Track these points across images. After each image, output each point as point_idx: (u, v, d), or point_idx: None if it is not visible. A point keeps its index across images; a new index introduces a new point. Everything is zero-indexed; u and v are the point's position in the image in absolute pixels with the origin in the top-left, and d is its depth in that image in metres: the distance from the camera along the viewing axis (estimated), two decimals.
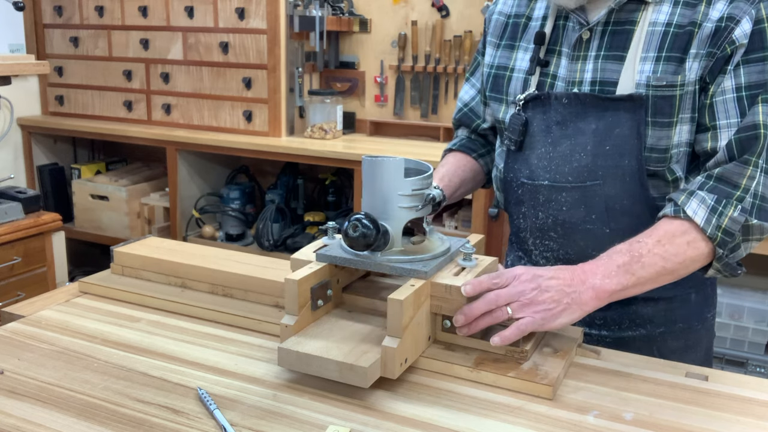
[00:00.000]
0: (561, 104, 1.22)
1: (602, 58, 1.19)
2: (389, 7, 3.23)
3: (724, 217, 1.09)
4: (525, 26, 1.30)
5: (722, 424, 0.92)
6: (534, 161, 1.26)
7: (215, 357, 1.08)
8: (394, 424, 0.91)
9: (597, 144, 1.19)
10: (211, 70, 3.15)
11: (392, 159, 1.04)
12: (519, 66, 1.29)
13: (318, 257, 1.08)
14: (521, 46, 1.30)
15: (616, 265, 1.05)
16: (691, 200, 1.10)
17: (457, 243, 1.14)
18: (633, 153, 1.16)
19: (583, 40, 1.20)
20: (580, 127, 1.20)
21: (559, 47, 1.24)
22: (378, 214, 1.04)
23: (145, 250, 1.38)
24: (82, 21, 3.39)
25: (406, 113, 3.29)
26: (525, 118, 1.25)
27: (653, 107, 1.14)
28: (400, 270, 1.04)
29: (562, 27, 1.24)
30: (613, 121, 1.17)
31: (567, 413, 0.94)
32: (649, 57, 1.14)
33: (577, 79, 1.21)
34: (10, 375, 1.01)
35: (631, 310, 1.26)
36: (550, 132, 1.23)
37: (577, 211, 1.22)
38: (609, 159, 1.18)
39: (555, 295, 1.01)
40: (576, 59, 1.21)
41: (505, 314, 1.01)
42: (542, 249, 1.30)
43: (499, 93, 1.32)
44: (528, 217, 1.29)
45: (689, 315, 1.29)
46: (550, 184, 1.24)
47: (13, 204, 2.60)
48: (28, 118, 3.45)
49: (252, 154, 3.03)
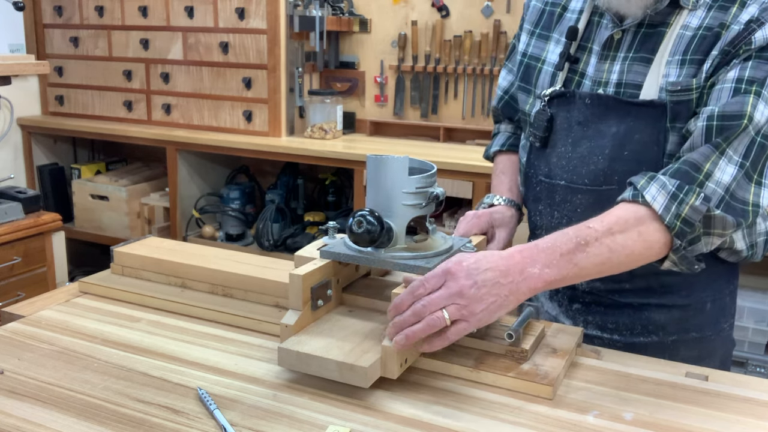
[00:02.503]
0: (584, 104, 1.20)
1: (630, 60, 1.16)
2: (389, 7, 3.23)
3: (684, 205, 1.01)
4: (560, 16, 1.27)
5: (722, 424, 0.92)
6: (554, 160, 1.24)
7: (215, 357, 1.08)
8: (394, 424, 0.91)
9: (616, 148, 1.16)
10: (211, 70, 3.15)
11: (397, 157, 1.05)
12: (549, 59, 1.27)
13: (322, 254, 1.09)
14: (554, 37, 1.27)
15: (559, 253, 0.97)
16: (651, 185, 1.04)
17: (459, 242, 1.14)
18: (651, 160, 1.13)
19: (614, 39, 1.18)
20: (600, 129, 1.18)
21: (590, 44, 1.21)
22: (382, 211, 1.05)
23: (145, 250, 1.38)
24: (82, 21, 3.39)
25: (406, 113, 3.29)
26: (550, 114, 1.23)
27: (672, 113, 1.11)
28: (404, 266, 1.04)
29: (596, 24, 1.21)
30: (634, 126, 1.14)
31: (567, 413, 0.94)
32: (674, 60, 1.11)
33: (603, 79, 1.18)
34: (10, 375, 1.01)
35: (644, 316, 1.24)
36: (571, 131, 1.22)
37: (592, 214, 1.10)
38: (626, 164, 1.15)
39: (492, 289, 0.94)
40: (605, 59, 1.19)
41: (442, 321, 0.94)
42: None
43: (528, 84, 1.30)
44: (544, 215, 1.28)
45: (703, 324, 1.25)
46: (567, 185, 1.22)
47: (13, 204, 2.60)
48: (28, 118, 3.45)
49: (252, 154, 3.03)
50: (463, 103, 3.15)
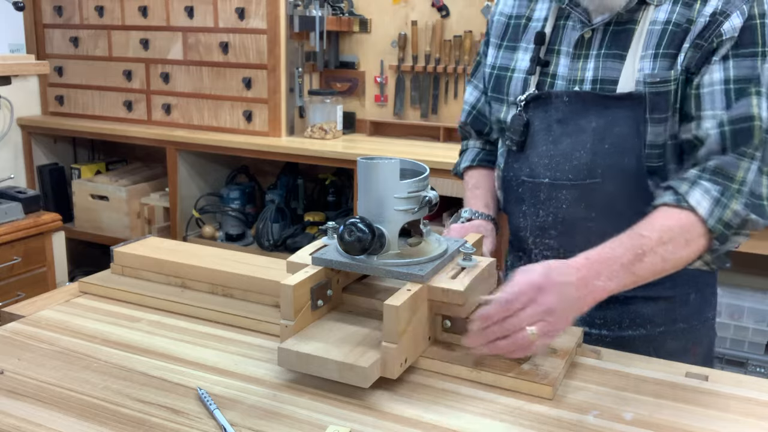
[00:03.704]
0: (562, 102, 1.23)
1: (603, 57, 1.20)
2: (389, 7, 3.23)
3: (727, 209, 1.08)
4: (525, 27, 1.31)
5: (722, 424, 0.92)
6: (535, 159, 1.26)
7: (215, 357, 1.08)
8: (394, 424, 0.91)
9: (596, 142, 1.19)
10: (211, 70, 3.15)
11: (387, 161, 1.03)
12: (519, 66, 1.30)
13: (314, 261, 1.08)
14: (521, 46, 1.31)
15: (620, 264, 1.02)
16: (694, 190, 1.09)
17: (454, 243, 1.14)
18: (633, 151, 1.17)
19: (585, 39, 1.22)
20: (580, 124, 1.21)
21: (558, 47, 1.25)
22: (374, 217, 1.04)
23: (145, 250, 1.38)
24: (82, 21, 3.39)
25: (406, 113, 3.28)
26: (526, 118, 1.26)
27: (650, 104, 1.15)
28: (397, 274, 1.03)
29: (562, 27, 1.26)
30: (613, 119, 1.18)
31: (567, 413, 0.94)
32: (647, 55, 1.16)
33: (578, 77, 1.22)
34: (10, 375, 1.01)
35: (631, 309, 1.26)
36: (551, 130, 1.24)
37: (577, 209, 1.22)
38: (608, 157, 1.19)
39: (572, 304, 0.98)
40: (577, 58, 1.22)
41: (527, 341, 0.95)
42: (542, 248, 1.30)
43: (500, 93, 1.33)
44: (528, 216, 1.29)
45: (690, 315, 1.29)
46: (551, 182, 1.24)
47: (13, 204, 2.60)
48: (28, 118, 3.45)
49: (252, 154, 3.03)
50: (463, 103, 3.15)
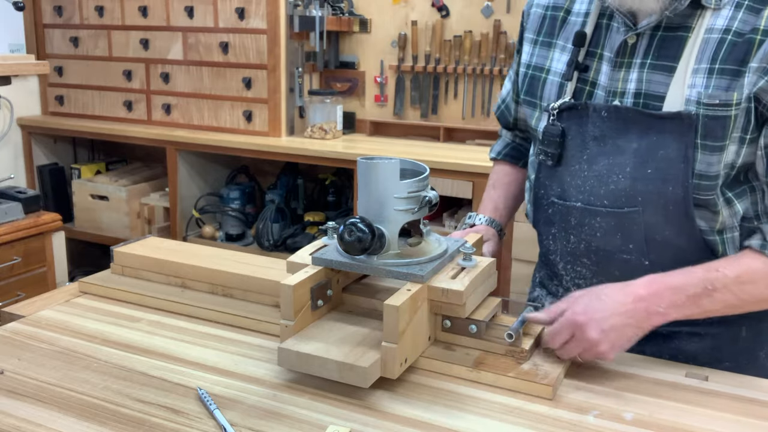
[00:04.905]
0: (600, 117, 1.10)
1: (649, 68, 1.06)
2: (389, 7, 3.22)
3: None
4: (564, 21, 1.18)
5: (722, 424, 0.92)
6: (567, 179, 1.15)
7: (215, 357, 1.08)
8: (394, 424, 0.91)
9: (638, 166, 1.07)
10: (211, 70, 3.14)
11: (387, 161, 1.03)
12: (555, 68, 1.18)
13: (314, 261, 1.08)
14: (558, 44, 1.18)
15: (686, 295, 0.99)
16: None
17: (454, 243, 1.14)
18: (679, 179, 1.04)
19: (629, 44, 1.08)
20: (619, 144, 1.08)
21: (600, 50, 1.12)
22: (374, 217, 1.04)
23: (145, 250, 1.38)
24: (82, 21, 3.39)
25: (406, 113, 3.28)
26: (562, 128, 1.13)
27: (704, 128, 1.02)
28: (397, 274, 1.03)
29: (605, 27, 1.12)
30: (658, 141, 1.05)
31: (567, 413, 0.94)
32: (701, 69, 1.02)
33: (618, 89, 1.09)
34: (10, 375, 1.01)
35: (673, 345, 1.15)
36: (586, 147, 1.12)
37: (613, 238, 1.11)
38: (650, 184, 1.06)
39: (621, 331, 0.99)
40: (619, 66, 1.09)
41: None
42: (574, 275, 1.20)
43: (533, 97, 1.21)
44: (558, 240, 1.19)
45: (738, 353, 1.16)
46: (584, 207, 1.13)
47: (13, 204, 2.59)
48: (28, 118, 3.45)
49: (252, 154, 3.03)
50: (463, 103, 3.15)
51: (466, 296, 1.02)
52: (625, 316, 0.98)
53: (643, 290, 1.00)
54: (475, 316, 1.06)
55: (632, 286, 1.01)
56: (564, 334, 1.01)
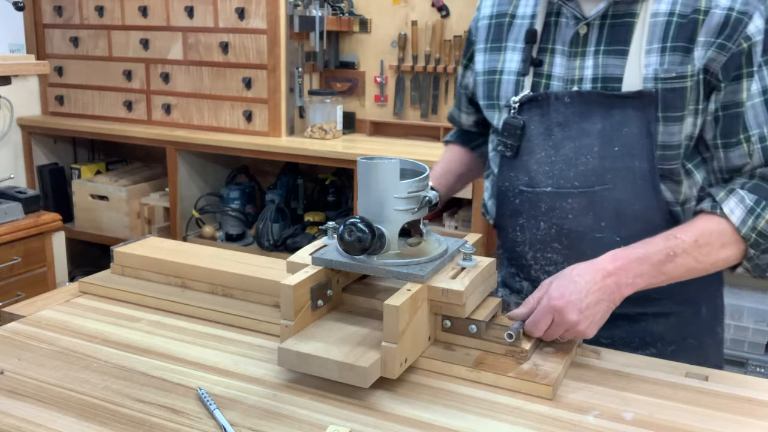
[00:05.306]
0: (562, 104, 1.16)
1: (603, 53, 1.13)
2: (389, 7, 3.23)
3: (761, 219, 1.07)
4: (510, 24, 1.24)
5: (722, 424, 0.92)
6: (533, 167, 1.19)
7: (215, 357, 1.08)
8: (394, 424, 0.91)
9: (604, 145, 1.13)
10: (211, 70, 3.15)
11: (387, 161, 1.03)
12: (508, 68, 1.23)
13: (314, 261, 1.08)
14: (508, 46, 1.24)
15: (650, 263, 1.04)
16: (730, 198, 1.09)
17: (454, 243, 1.14)
18: (644, 153, 1.11)
19: (581, 35, 1.15)
20: (584, 127, 1.14)
21: (552, 45, 1.19)
22: (374, 217, 1.04)
23: (145, 250, 1.38)
24: (82, 21, 3.39)
25: (406, 113, 3.28)
26: (522, 121, 1.19)
27: (663, 101, 1.09)
28: (397, 274, 1.03)
29: (554, 24, 1.19)
30: (621, 120, 1.12)
31: (567, 413, 0.94)
32: (653, 49, 1.09)
33: (576, 77, 1.16)
34: (10, 375, 1.01)
35: (641, 327, 1.21)
36: (550, 135, 1.17)
37: (585, 218, 1.16)
38: (618, 161, 1.12)
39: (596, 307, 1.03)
40: (574, 56, 1.16)
41: None
42: (544, 263, 1.23)
43: (491, 99, 1.26)
44: (527, 229, 1.22)
45: (701, 330, 1.24)
46: (554, 191, 1.17)
47: (13, 204, 2.60)
48: (28, 118, 3.45)
49: (252, 154, 3.03)
50: None
51: (466, 296, 1.02)
52: (598, 293, 1.02)
53: (610, 266, 1.04)
54: (475, 316, 1.06)
55: (599, 263, 1.05)
56: (545, 321, 1.03)
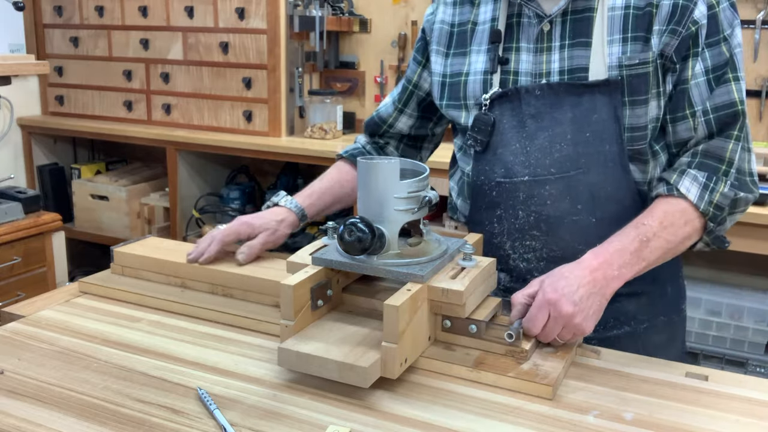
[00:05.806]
0: (533, 97, 1.21)
1: (568, 47, 1.19)
2: (389, 7, 3.23)
3: (715, 192, 1.14)
4: (472, 31, 1.29)
5: (722, 424, 0.92)
6: (509, 158, 1.23)
7: (215, 357, 1.08)
8: (394, 424, 0.91)
9: (576, 132, 1.19)
10: (211, 70, 3.15)
11: (387, 161, 1.03)
12: (475, 69, 1.28)
13: (314, 261, 1.08)
14: (473, 50, 1.29)
15: (629, 252, 1.09)
16: (684, 178, 1.16)
17: (454, 243, 1.14)
18: (613, 137, 1.18)
19: (545, 32, 1.21)
20: (556, 117, 1.20)
21: (516, 44, 1.24)
22: (374, 217, 1.04)
23: (145, 250, 1.38)
24: (82, 21, 3.39)
25: None
26: (493, 117, 1.24)
27: (629, 87, 1.16)
28: (397, 274, 1.03)
29: (516, 24, 1.24)
30: (590, 107, 1.18)
31: (567, 413, 0.94)
32: (615, 39, 1.16)
33: (544, 70, 1.21)
34: (10, 375, 1.01)
35: (615, 307, 1.23)
36: (524, 126, 1.22)
37: (563, 203, 1.21)
38: (590, 146, 1.19)
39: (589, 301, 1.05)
40: (540, 51, 1.21)
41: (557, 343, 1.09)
42: (522, 251, 1.26)
43: (456, 100, 1.30)
44: (505, 219, 1.26)
45: (668, 308, 1.32)
46: (531, 179, 1.22)
47: (13, 204, 2.60)
48: (28, 118, 3.45)
49: (252, 154, 3.03)
50: None
51: (466, 296, 1.02)
52: (588, 286, 1.05)
53: (594, 261, 1.08)
54: (475, 316, 1.06)
55: (583, 261, 1.08)
56: (541, 316, 1.04)
